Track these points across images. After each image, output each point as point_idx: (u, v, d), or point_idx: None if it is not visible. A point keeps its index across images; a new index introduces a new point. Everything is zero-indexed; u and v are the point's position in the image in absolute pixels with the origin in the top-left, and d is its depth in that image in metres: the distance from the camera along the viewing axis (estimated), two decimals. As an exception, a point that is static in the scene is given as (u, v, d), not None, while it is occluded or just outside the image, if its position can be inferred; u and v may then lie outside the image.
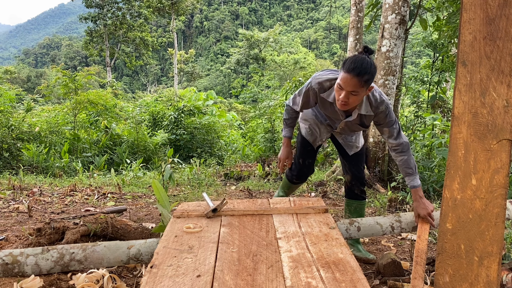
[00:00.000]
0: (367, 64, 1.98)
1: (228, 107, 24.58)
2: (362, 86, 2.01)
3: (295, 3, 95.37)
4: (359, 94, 2.02)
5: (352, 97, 2.03)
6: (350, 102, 2.05)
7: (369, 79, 1.99)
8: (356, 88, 2.00)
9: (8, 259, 1.98)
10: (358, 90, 2.01)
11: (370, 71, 1.98)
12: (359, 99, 2.06)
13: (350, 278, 1.51)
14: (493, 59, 1.56)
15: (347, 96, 2.03)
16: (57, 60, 71.33)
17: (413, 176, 2.22)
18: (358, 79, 1.96)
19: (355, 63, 1.98)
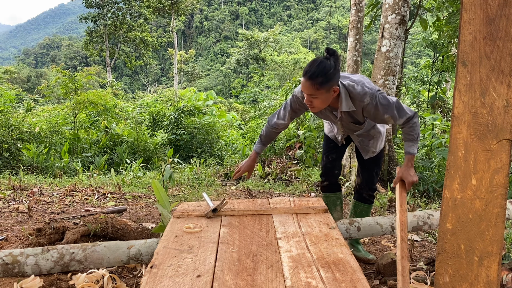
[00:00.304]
0: (321, 67, 1.93)
1: (228, 107, 24.57)
2: (318, 89, 1.96)
3: (295, 3, 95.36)
4: (319, 97, 1.99)
5: (315, 100, 2.02)
6: (315, 105, 2.05)
7: (323, 82, 1.94)
8: (312, 91, 1.97)
9: (8, 259, 1.98)
10: (314, 93, 1.98)
11: (322, 73, 1.93)
12: (323, 101, 2.03)
13: (350, 278, 1.51)
14: (493, 59, 1.56)
15: (309, 99, 2.03)
16: (57, 60, 71.35)
17: (412, 143, 2.15)
18: (311, 82, 1.94)
19: (308, 66, 1.97)
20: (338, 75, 2.00)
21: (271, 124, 2.41)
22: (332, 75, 1.95)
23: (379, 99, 2.06)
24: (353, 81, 2.11)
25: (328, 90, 1.98)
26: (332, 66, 1.95)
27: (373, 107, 2.07)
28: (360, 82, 2.11)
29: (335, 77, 1.98)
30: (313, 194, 4.99)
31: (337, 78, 2.01)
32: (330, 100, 2.06)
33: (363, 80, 2.15)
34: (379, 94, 2.07)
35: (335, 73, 1.97)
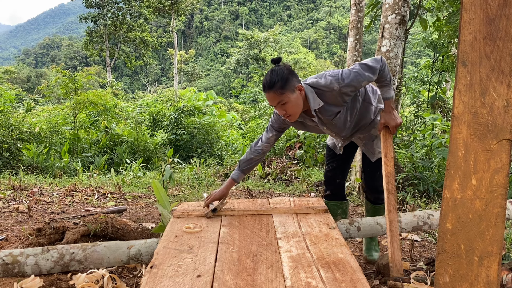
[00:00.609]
0: (272, 74, 1.97)
1: (228, 107, 24.59)
2: (282, 93, 1.97)
3: (295, 3, 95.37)
4: (288, 101, 1.99)
5: (286, 107, 2.00)
6: (290, 111, 2.03)
7: (283, 84, 1.96)
8: (278, 98, 1.98)
9: (8, 259, 1.98)
10: (282, 99, 1.98)
11: (278, 77, 1.96)
12: (294, 104, 2.01)
13: (350, 278, 1.51)
14: (493, 59, 1.57)
15: (281, 109, 2.02)
16: (57, 60, 71.36)
17: (387, 88, 2.12)
18: (273, 91, 1.96)
19: (264, 81, 2.01)
20: (295, 75, 2.02)
21: (254, 148, 2.33)
22: (288, 76, 1.98)
23: (344, 77, 2.03)
24: (315, 78, 2.11)
25: (292, 90, 1.99)
26: (285, 69, 1.99)
27: (346, 86, 2.03)
28: (322, 75, 2.10)
29: (293, 77, 2.00)
30: (313, 194, 4.99)
31: (296, 78, 2.02)
32: (300, 101, 2.04)
33: (325, 72, 2.13)
34: (342, 74, 2.04)
35: (291, 74, 2.00)
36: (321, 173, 6.50)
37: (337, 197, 2.62)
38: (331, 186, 2.60)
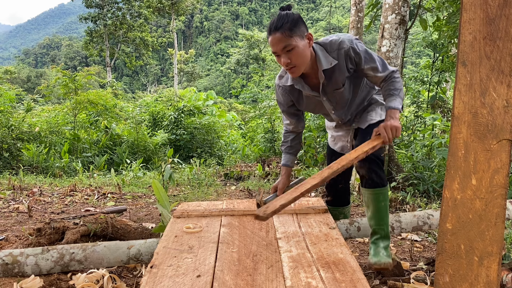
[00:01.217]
0: (281, 16, 1.78)
1: (228, 107, 24.60)
2: (291, 36, 1.76)
3: (295, 3, 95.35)
4: (295, 47, 1.77)
5: (292, 54, 1.78)
6: (294, 61, 1.80)
7: (292, 26, 1.76)
8: (285, 41, 1.76)
9: (8, 259, 1.98)
10: (289, 43, 1.76)
11: (288, 19, 1.77)
12: (301, 53, 1.80)
13: (350, 278, 1.51)
14: (493, 59, 1.57)
15: (285, 58, 1.80)
16: (57, 60, 71.37)
17: (394, 97, 1.88)
18: (280, 32, 1.75)
19: (270, 23, 1.81)
20: (304, 24, 1.83)
21: (284, 130, 2.26)
22: (298, 20, 1.79)
23: (358, 47, 1.88)
24: (325, 37, 1.95)
25: (301, 36, 1.79)
26: (295, 14, 1.80)
27: (354, 52, 1.87)
28: (333, 35, 1.94)
29: (303, 24, 1.81)
30: (313, 194, 4.99)
31: (305, 26, 1.83)
32: (307, 51, 1.83)
33: (334, 35, 1.98)
34: (358, 42, 1.90)
35: (301, 21, 1.81)
36: (321, 173, 6.49)
37: (340, 202, 2.43)
38: (332, 192, 2.41)
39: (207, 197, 4.90)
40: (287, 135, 2.23)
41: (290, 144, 2.23)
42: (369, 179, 1.99)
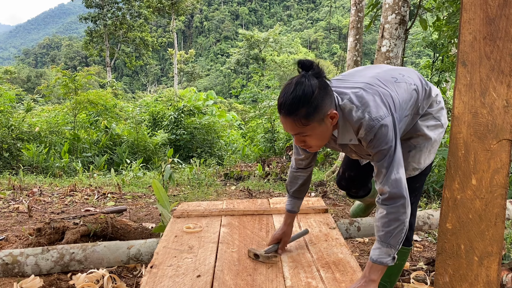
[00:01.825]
0: (298, 93, 1.32)
1: (228, 107, 24.60)
2: (306, 125, 1.36)
3: (295, 3, 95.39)
4: (311, 134, 1.40)
5: (308, 139, 1.43)
6: (310, 144, 1.45)
7: (311, 112, 1.33)
8: (298, 130, 1.38)
9: (8, 259, 1.98)
10: (303, 131, 1.39)
11: (307, 100, 1.32)
12: (320, 137, 1.43)
13: (350, 278, 1.51)
14: (493, 59, 1.56)
15: (299, 141, 1.44)
16: (57, 60, 71.36)
17: (383, 244, 1.41)
18: (293, 119, 1.35)
19: (282, 96, 1.36)
20: (328, 94, 1.38)
21: (293, 166, 1.81)
22: (319, 98, 1.34)
23: (376, 133, 1.39)
24: (355, 98, 1.44)
25: (320, 120, 1.37)
26: (315, 86, 1.34)
27: (366, 143, 1.44)
28: (365, 101, 1.42)
29: (326, 98, 1.37)
30: (313, 194, 4.99)
31: (329, 99, 1.38)
32: (328, 132, 1.44)
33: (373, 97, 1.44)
34: (381, 126, 1.38)
35: (324, 94, 1.36)
36: (321, 173, 6.50)
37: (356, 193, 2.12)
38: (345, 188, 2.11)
39: (207, 197, 4.90)
40: (297, 175, 1.79)
41: (298, 189, 1.81)
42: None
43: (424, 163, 1.68)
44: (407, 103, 1.55)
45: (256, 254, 1.67)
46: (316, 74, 1.36)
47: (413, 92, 1.58)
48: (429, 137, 1.66)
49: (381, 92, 1.47)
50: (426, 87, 1.66)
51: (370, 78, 1.54)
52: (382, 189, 1.42)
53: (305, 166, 1.78)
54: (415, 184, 1.70)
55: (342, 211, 4.00)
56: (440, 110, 1.69)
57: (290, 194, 1.83)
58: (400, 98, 1.51)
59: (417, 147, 1.66)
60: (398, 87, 1.54)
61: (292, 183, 1.81)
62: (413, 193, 1.66)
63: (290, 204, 1.83)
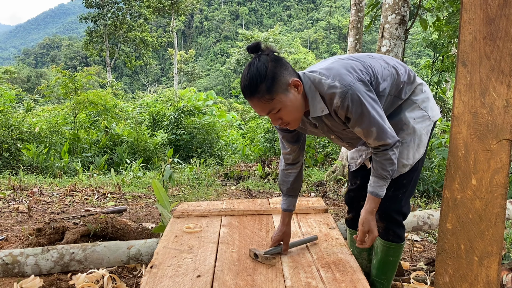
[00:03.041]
0: (253, 71, 1.36)
1: (228, 107, 24.60)
2: (271, 99, 1.37)
3: (295, 3, 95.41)
4: (281, 108, 1.40)
5: (281, 114, 1.42)
6: (286, 119, 1.45)
7: (270, 85, 1.35)
8: (267, 107, 1.39)
9: (8, 259, 1.98)
10: (272, 106, 1.39)
11: (261, 77, 1.35)
12: (291, 109, 1.42)
13: (350, 278, 1.51)
14: (493, 59, 1.57)
15: (274, 119, 1.45)
16: (57, 60, 71.38)
17: (383, 182, 1.56)
18: (257, 98, 1.37)
19: (241, 83, 1.40)
20: (283, 65, 1.41)
21: (282, 164, 1.83)
22: (274, 70, 1.37)
23: (351, 99, 1.39)
24: (325, 70, 1.46)
25: (284, 90, 1.39)
26: (267, 61, 1.37)
27: (344, 111, 1.43)
28: (335, 70, 1.44)
29: (282, 70, 1.39)
30: (313, 194, 4.99)
31: (286, 70, 1.41)
32: (299, 101, 1.44)
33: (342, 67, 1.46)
34: (354, 91, 1.39)
35: (279, 65, 1.39)
36: (321, 173, 6.50)
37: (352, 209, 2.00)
38: (354, 208, 1.97)
39: (207, 197, 4.90)
40: (287, 173, 1.79)
41: (291, 186, 1.80)
42: (384, 233, 1.74)
43: (414, 158, 1.65)
44: (384, 78, 1.55)
45: (255, 254, 1.67)
46: (265, 51, 1.41)
47: (392, 70, 1.59)
48: (416, 129, 1.64)
49: (352, 64, 1.49)
50: (411, 72, 1.66)
51: (343, 56, 1.58)
52: (384, 142, 1.48)
53: (293, 161, 1.78)
54: (401, 180, 1.68)
55: (342, 211, 4.00)
56: (426, 100, 1.66)
57: (284, 193, 1.83)
58: (375, 70, 1.52)
59: (404, 143, 1.64)
60: (373, 62, 1.56)
61: (284, 181, 1.81)
62: (401, 189, 1.68)
63: (285, 203, 1.82)
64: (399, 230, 1.74)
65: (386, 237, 1.75)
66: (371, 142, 1.51)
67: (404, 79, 1.62)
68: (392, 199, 1.69)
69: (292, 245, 1.80)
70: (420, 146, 1.65)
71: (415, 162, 1.65)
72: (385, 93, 1.57)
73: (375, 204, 1.57)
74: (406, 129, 1.64)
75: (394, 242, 1.75)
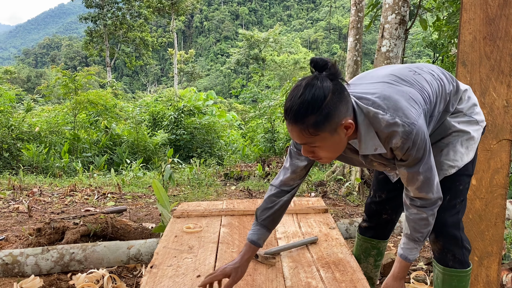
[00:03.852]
0: (307, 97, 1.12)
1: (228, 107, 24.59)
2: (314, 134, 1.16)
3: (295, 3, 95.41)
4: (321, 145, 1.20)
5: (317, 151, 1.23)
6: (321, 156, 1.25)
7: (322, 119, 1.13)
8: (305, 139, 1.18)
9: (8, 259, 1.98)
10: (313, 141, 1.19)
11: (317, 106, 1.12)
12: (331, 148, 1.23)
13: (350, 278, 1.51)
14: (493, 59, 1.56)
15: (307, 151, 1.25)
16: (57, 60, 71.35)
17: (415, 245, 1.39)
18: (300, 128, 1.15)
19: (289, 99, 1.16)
20: (345, 99, 1.17)
21: (275, 186, 1.49)
22: (331, 105, 1.13)
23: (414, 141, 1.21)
24: (381, 100, 1.23)
25: (333, 131, 1.17)
26: (328, 90, 1.13)
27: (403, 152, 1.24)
28: (393, 102, 1.22)
29: (340, 105, 1.16)
30: (313, 194, 4.99)
31: (345, 106, 1.17)
32: (342, 143, 1.24)
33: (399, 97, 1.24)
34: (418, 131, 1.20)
35: (338, 100, 1.15)
36: (321, 173, 6.50)
37: (376, 234, 1.79)
38: (374, 220, 1.78)
39: (207, 197, 4.90)
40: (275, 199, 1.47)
41: (272, 216, 1.47)
42: (441, 257, 1.49)
43: (462, 160, 1.43)
44: (436, 96, 1.35)
45: (255, 254, 1.67)
46: (331, 75, 1.15)
47: (438, 83, 1.38)
48: (462, 130, 1.43)
49: (409, 91, 1.28)
50: (453, 81, 1.44)
51: (387, 77, 1.35)
52: (425, 195, 1.31)
53: (290, 188, 1.48)
54: (457, 185, 1.44)
55: (342, 211, 4.00)
56: (472, 106, 1.45)
57: (259, 222, 1.47)
58: (429, 93, 1.32)
59: (450, 144, 1.44)
60: (420, 80, 1.35)
61: (267, 209, 1.47)
62: (459, 197, 1.44)
63: (256, 234, 1.45)
64: (460, 252, 1.45)
65: (444, 261, 1.47)
66: (411, 190, 1.33)
67: (449, 90, 1.42)
68: (448, 209, 1.43)
69: (292, 245, 1.80)
70: (469, 149, 1.44)
71: (464, 164, 1.43)
72: (436, 112, 1.39)
73: (403, 269, 1.41)
74: (451, 132, 1.44)
75: (455, 268, 1.45)
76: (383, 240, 1.79)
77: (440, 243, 1.46)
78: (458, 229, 1.44)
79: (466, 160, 1.43)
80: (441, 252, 1.47)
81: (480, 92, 1.61)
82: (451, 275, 1.46)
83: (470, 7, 1.54)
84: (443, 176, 1.43)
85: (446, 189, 1.41)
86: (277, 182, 1.48)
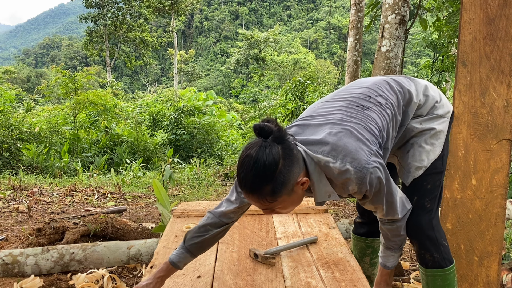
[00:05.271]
0: (258, 168, 1.10)
1: (228, 107, 24.59)
2: (274, 200, 1.16)
3: (295, 3, 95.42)
4: (282, 206, 1.22)
5: (277, 210, 1.24)
6: (281, 212, 1.27)
7: (277, 187, 1.13)
8: (264, 206, 1.19)
9: (8, 259, 1.98)
10: (272, 206, 1.20)
11: (270, 176, 1.11)
12: (289, 204, 1.23)
13: (350, 278, 1.52)
14: (493, 59, 1.56)
15: (267, 212, 1.27)
16: (57, 60, 71.37)
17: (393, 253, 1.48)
18: (257, 197, 1.15)
19: (241, 171, 1.15)
20: (295, 159, 1.17)
21: (214, 214, 1.43)
22: (284, 171, 1.13)
23: (369, 183, 1.21)
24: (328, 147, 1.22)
25: (290, 192, 1.18)
26: (278, 157, 1.12)
27: (361, 195, 1.27)
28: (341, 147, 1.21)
29: (293, 167, 1.16)
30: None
31: (297, 166, 1.17)
32: (299, 197, 1.25)
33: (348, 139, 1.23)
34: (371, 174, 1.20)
35: (290, 163, 1.15)
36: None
37: (368, 232, 1.79)
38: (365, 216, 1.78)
39: (207, 197, 4.90)
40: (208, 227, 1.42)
41: (201, 245, 1.42)
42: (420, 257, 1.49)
43: (428, 158, 1.42)
44: (387, 125, 1.35)
45: (255, 254, 1.68)
46: (277, 139, 1.14)
47: (388, 112, 1.36)
48: (426, 128, 1.42)
49: (353, 129, 1.26)
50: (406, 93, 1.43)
51: (335, 114, 1.33)
52: (392, 217, 1.37)
53: (232, 218, 1.44)
54: (423, 185, 1.43)
55: (342, 211, 4.00)
56: (433, 106, 1.44)
57: (185, 245, 1.40)
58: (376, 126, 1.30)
59: (415, 144, 1.44)
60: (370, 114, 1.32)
61: (199, 235, 1.40)
62: (427, 196, 1.43)
63: (178, 256, 1.39)
64: (438, 251, 1.43)
65: (424, 262, 1.46)
66: (378, 215, 1.40)
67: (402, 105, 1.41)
68: (419, 210, 1.43)
69: (292, 245, 1.80)
70: (435, 145, 1.42)
71: (430, 163, 1.41)
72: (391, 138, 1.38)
73: (385, 277, 1.52)
74: (415, 134, 1.44)
75: (436, 268, 1.44)
76: (376, 238, 1.78)
77: (416, 244, 1.46)
78: (432, 229, 1.43)
79: (432, 157, 1.42)
80: (419, 254, 1.47)
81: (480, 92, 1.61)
82: (433, 275, 1.45)
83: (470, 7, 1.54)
84: (412, 179, 1.43)
85: (413, 190, 1.43)
86: (217, 212, 1.42)
